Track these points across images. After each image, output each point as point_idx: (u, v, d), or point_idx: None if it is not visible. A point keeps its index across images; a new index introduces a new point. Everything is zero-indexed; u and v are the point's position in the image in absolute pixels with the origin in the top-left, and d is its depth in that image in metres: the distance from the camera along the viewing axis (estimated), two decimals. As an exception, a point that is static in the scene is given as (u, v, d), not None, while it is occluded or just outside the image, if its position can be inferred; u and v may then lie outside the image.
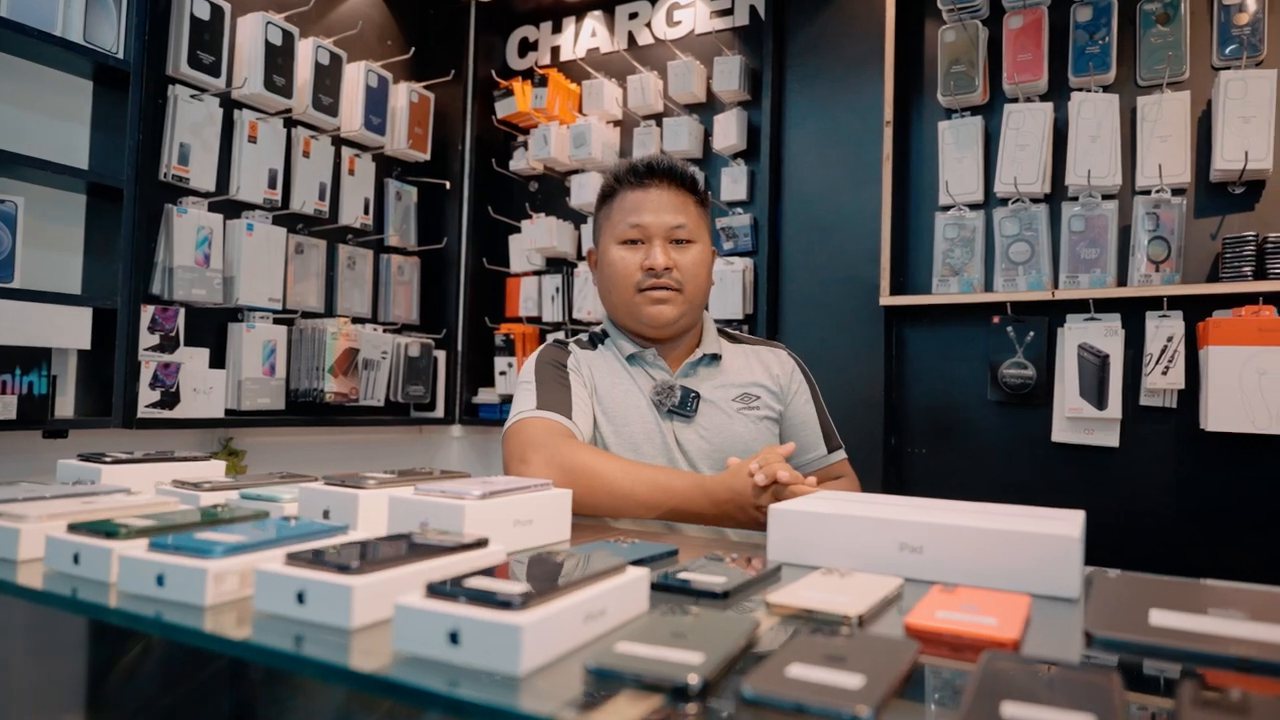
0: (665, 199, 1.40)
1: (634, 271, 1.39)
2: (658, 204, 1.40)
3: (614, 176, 1.44)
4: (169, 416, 1.96)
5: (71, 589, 0.66)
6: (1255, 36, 1.87)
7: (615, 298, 1.43)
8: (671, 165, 1.42)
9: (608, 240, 1.43)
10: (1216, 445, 1.86)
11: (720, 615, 0.60)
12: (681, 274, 1.39)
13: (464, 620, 0.49)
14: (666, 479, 1.19)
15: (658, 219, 1.39)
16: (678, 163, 1.44)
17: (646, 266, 1.37)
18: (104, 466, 1.04)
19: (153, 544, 0.65)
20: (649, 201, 1.40)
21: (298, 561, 0.60)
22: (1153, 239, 1.92)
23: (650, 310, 1.39)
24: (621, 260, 1.40)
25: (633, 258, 1.39)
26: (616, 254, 1.41)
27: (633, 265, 1.39)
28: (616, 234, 1.41)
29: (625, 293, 1.40)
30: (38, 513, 0.75)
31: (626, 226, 1.40)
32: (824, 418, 1.47)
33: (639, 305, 1.39)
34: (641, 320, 1.41)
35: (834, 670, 0.47)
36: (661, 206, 1.39)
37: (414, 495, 0.84)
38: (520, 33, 3.04)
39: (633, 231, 1.39)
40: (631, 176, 1.42)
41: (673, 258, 1.38)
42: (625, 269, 1.39)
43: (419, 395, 2.72)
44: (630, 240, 1.40)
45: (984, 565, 0.77)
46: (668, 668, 0.47)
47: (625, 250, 1.40)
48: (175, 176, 2.05)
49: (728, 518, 1.16)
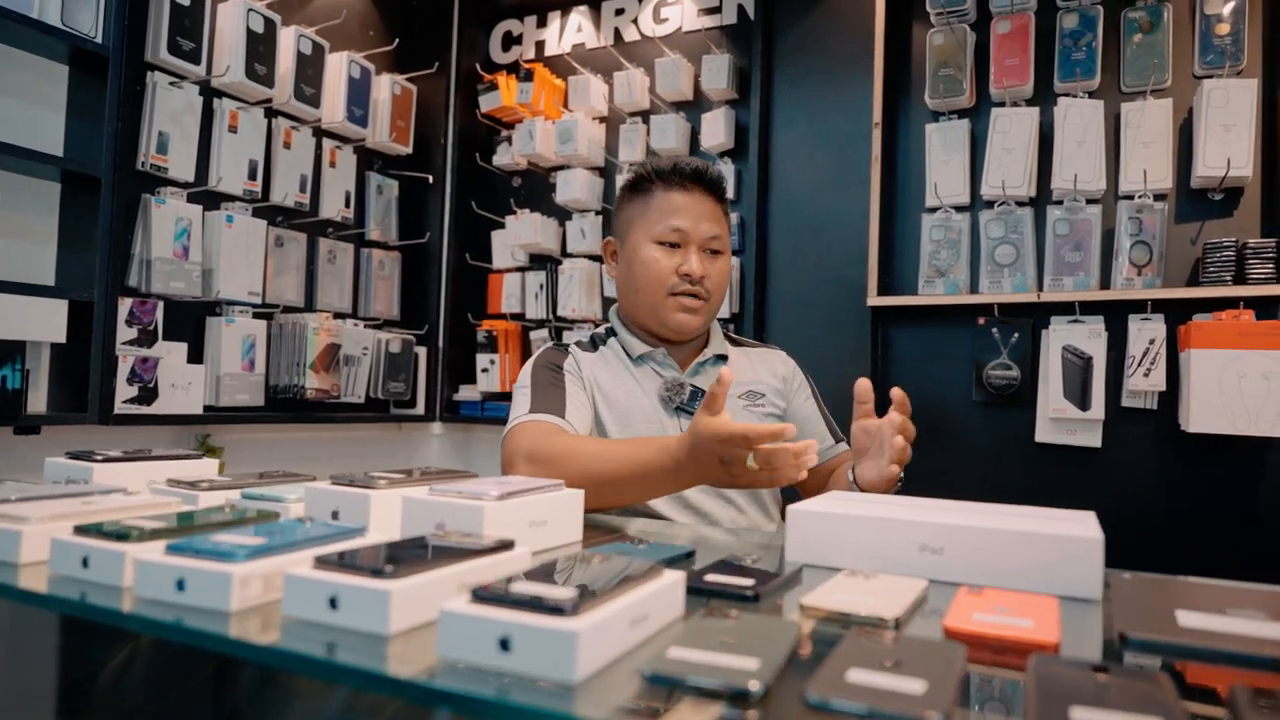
0: (705, 207, 1.40)
1: (668, 275, 1.38)
2: (699, 211, 1.39)
3: (654, 172, 1.42)
4: (146, 413, 1.90)
5: (80, 593, 0.64)
6: (1235, 46, 1.91)
7: (642, 297, 1.42)
8: (716, 175, 1.42)
9: (640, 236, 1.41)
10: (1196, 446, 1.90)
11: (761, 619, 0.59)
12: (711, 284, 1.40)
13: (515, 626, 0.48)
14: (634, 450, 1.15)
15: (697, 226, 1.38)
16: (719, 173, 1.43)
17: (683, 272, 1.37)
18: (95, 465, 1.00)
19: (170, 547, 0.62)
20: (691, 206, 1.39)
21: (328, 565, 0.58)
22: (1135, 243, 1.95)
23: (679, 317, 1.39)
24: (655, 261, 1.39)
25: (668, 261, 1.38)
26: (650, 253, 1.39)
27: (667, 268, 1.38)
28: (653, 233, 1.40)
29: (655, 294, 1.40)
30: (39, 514, 0.72)
31: (666, 228, 1.39)
32: (825, 412, 1.51)
33: (668, 309, 1.39)
34: (667, 325, 1.41)
35: (893, 675, 0.47)
36: (702, 214, 1.39)
37: (429, 496, 0.82)
38: (504, 26, 3.01)
39: (673, 235, 1.38)
40: (676, 177, 1.40)
41: (707, 267, 1.39)
42: (659, 271, 1.38)
43: (400, 392, 2.68)
44: (667, 242, 1.39)
45: (1006, 567, 0.77)
46: (727, 674, 0.46)
47: (660, 251, 1.39)
48: (154, 166, 1.99)
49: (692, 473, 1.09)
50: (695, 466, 1.08)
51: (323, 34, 2.43)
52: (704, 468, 1.06)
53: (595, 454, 1.18)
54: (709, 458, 1.05)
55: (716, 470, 1.06)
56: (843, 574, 0.77)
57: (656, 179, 1.42)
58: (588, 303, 2.67)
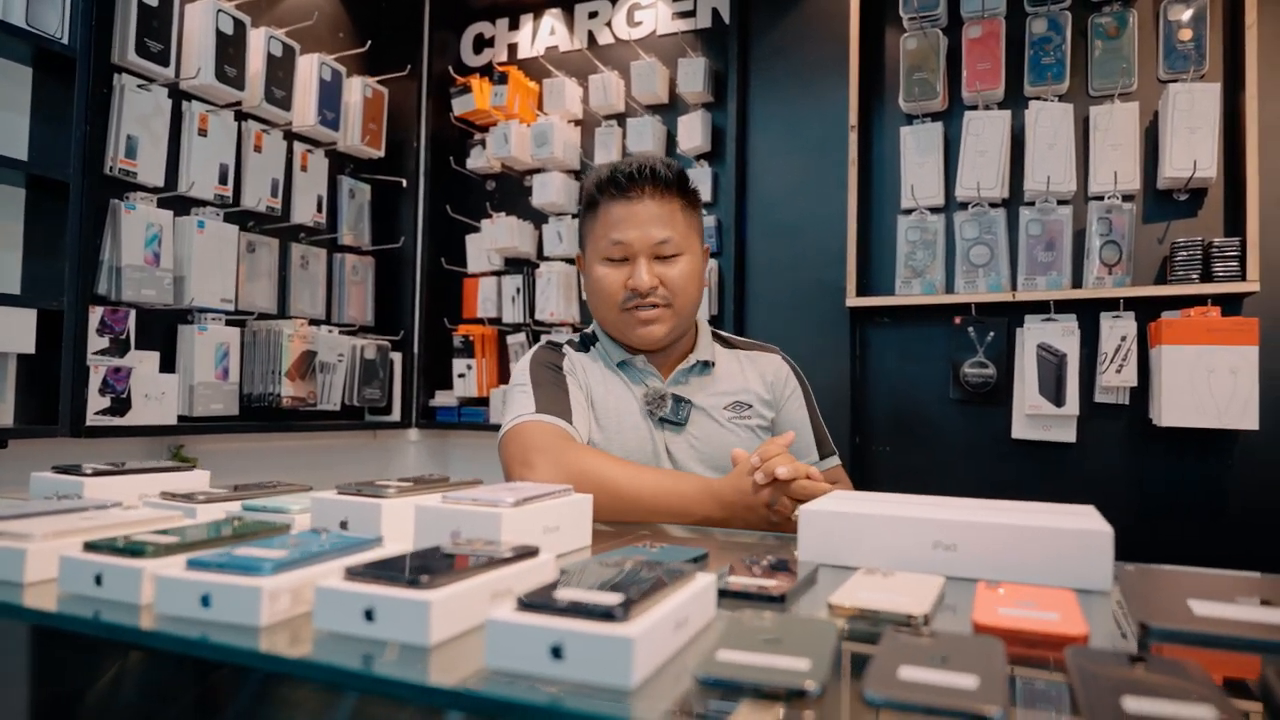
0: (649, 211, 1.32)
1: (617, 290, 1.33)
2: (641, 218, 1.32)
3: (595, 185, 1.37)
4: (119, 424, 1.85)
5: (93, 612, 0.62)
6: (1197, 52, 1.98)
7: (601, 314, 1.39)
8: (654, 171, 1.33)
9: (591, 255, 1.37)
10: (1166, 439, 1.96)
11: (798, 620, 0.59)
12: (669, 289, 1.33)
13: (568, 634, 0.48)
14: (673, 483, 1.17)
15: (641, 234, 1.31)
16: (661, 167, 1.34)
17: (630, 287, 1.32)
18: (86, 479, 0.97)
19: (192, 563, 0.61)
20: (632, 216, 1.32)
21: (361, 577, 0.57)
22: (1106, 243, 2.00)
23: (639, 331, 1.34)
24: (605, 278, 1.34)
25: (616, 275, 1.33)
26: (600, 271, 1.35)
27: (616, 284, 1.33)
28: (599, 250, 1.34)
29: (610, 311, 1.35)
30: (41, 531, 0.70)
31: (609, 243, 1.32)
32: (817, 423, 1.46)
33: (626, 324, 1.35)
34: (629, 339, 1.38)
35: (944, 671, 0.47)
36: (645, 220, 1.32)
37: (443, 504, 0.81)
38: (475, 29, 2.99)
39: (615, 250, 1.32)
40: (612, 188, 1.33)
41: (658, 273, 1.32)
42: (609, 287, 1.33)
43: (375, 399, 2.65)
44: (613, 258, 1.33)
45: (1019, 561, 0.79)
46: (782, 675, 0.46)
47: (609, 268, 1.34)
48: (122, 170, 1.94)
49: (737, 519, 1.13)
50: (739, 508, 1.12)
51: (293, 36, 2.39)
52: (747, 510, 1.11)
53: (632, 477, 1.18)
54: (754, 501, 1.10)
55: (760, 513, 1.11)
56: (860, 572, 0.78)
57: (599, 191, 1.36)
58: (566, 306, 2.66)
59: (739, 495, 1.12)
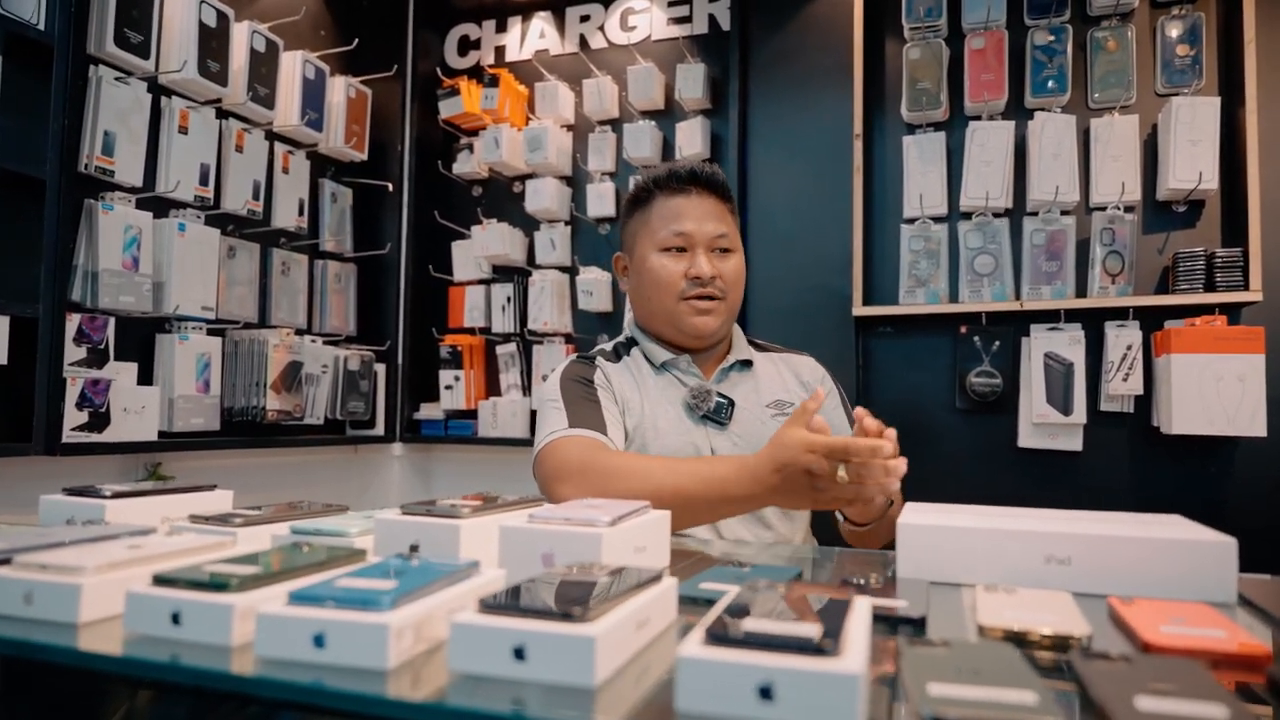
0: (707, 207, 1.38)
1: (677, 280, 1.36)
2: (700, 212, 1.37)
3: (651, 181, 1.41)
4: (97, 440, 1.71)
5: (171, 655, 0.54)
6: (1194, 67, 2.01)
7: (656, 305, 1.39)
8: (714, 173, 1.40)
9: (646, 247, 1.40)
10: (1170, 446, 1.98)
11: (976, 646, 0.55)
12: (725, 282, 1.37)
13: (778, 672, 0.42)
14: (710, 468, 1.13)
15: (701, 227, 1.36)
16: (718, 171, 1.41)
17: (692, 275, 1.35)
18: (107, 502, 0.88)
19: (296, 597, 0.53)
20: (692, 209, 1.37)
21: (501, 610, 0.50)
22: (1109, 253, 2.02)
23: (695, 320, 1.36)
24: (664, 268, 1.37)
25: (675, 266, 1.36)
26: (658, 261, 1.37)
27: (676, 273, 1.36)
28: (657, 241, 1.38)
29: (668, 301, 1.37)
30: (94, 562, 0.61)
31: (670, 234, 1.36)
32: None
33: (682, 315, 1.37)
34: (684, 329, 1.38)
35: (1183, 701, 0.44)
36: (704, 215, 1.37)
37: (531, 524, 0.74)
38: (460, 30, 2.91)
39: (677, 240, 1.36)
40: (673, 182, 1.38)
41: (717, 266, 1.36)
42: (668, 277, 1.36)
43: (359, 412, 2.54)
44: (673, 248, 1.37)
45: (1139, 575, 0.76)
46: (1019, 711, 0.42)
47: (667, 258, 1.37)
48: (99, 169, 1.81)
49: (777, 493, 1.07)
50: (779, 482, 1.05)
51: (275, 31, 2.28)
52: (789, 483, 1.03)
53: (669, 470, 1.14)
54: (795, 471, 1.02)
55: (801, 484, 1.03)
56: (981, 589, 0.74)
57: (655, 188, 1.41)
58: (559, 316, 2.59)
59: (776, 467, 1.05)
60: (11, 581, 0.60)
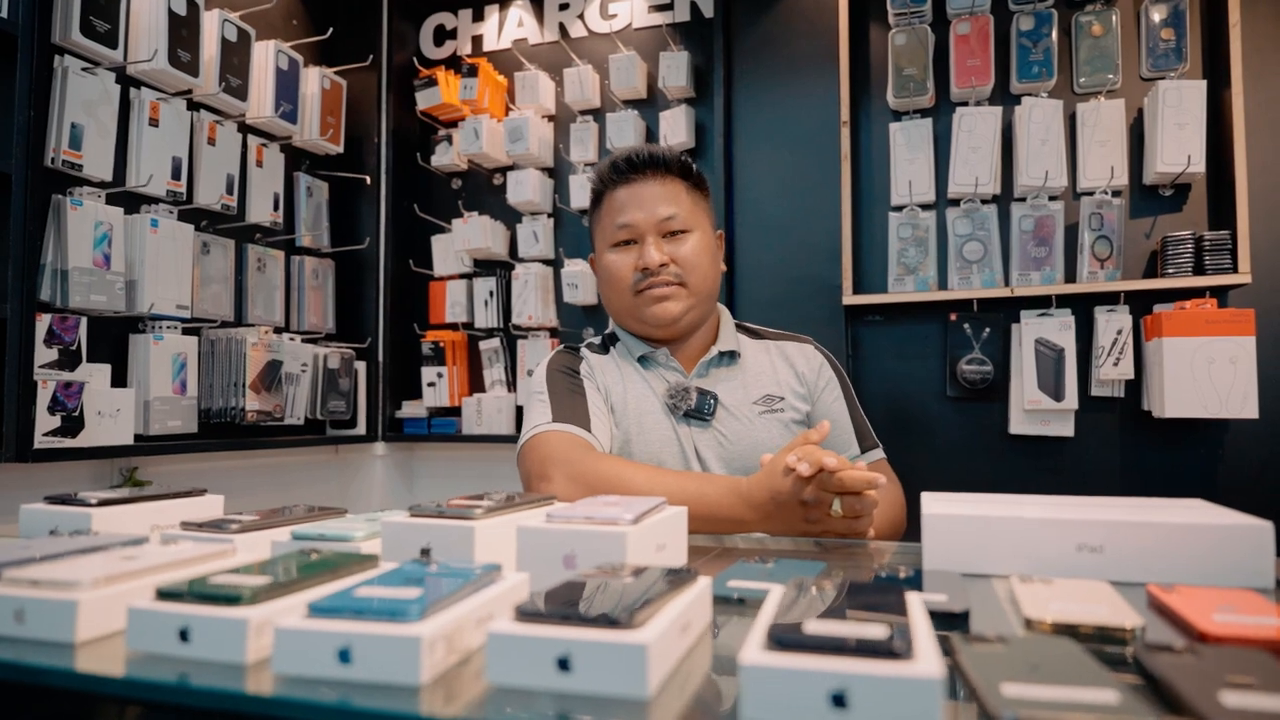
0: (651, 192, 1.33)
1: (628, 273, 1.33)
2: (645, 199, 1.32)
3: (598, 178, 1.37)
4: (71, 446, 1.64)
5: (179, 675, 0.50)
6: (1178, 50, 2.02)
7: (615, 303, 1.37)
8: (653, 154, 1.34)
9: (601, 245, 1.37)
10: (1162, 429, 1.98)
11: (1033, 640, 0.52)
12: (681, 266, 1.32)
13: (852, 678, 0.40)
14: (698, 486, 1.09)
15: (646, 214, 1.32)
16: (661, 150, 1.35)
17: (640, 266, 1.31)
18: (93, 510, 0.83)
19: (316, 609, 0.49)
20: (634, 197, 1.32)
21: (542, 618, 0.47)
22: (1098, 238, 2.02)
23: (653, 310, 1.32)
24: (615, 264, 1.34)
25: (626, 259, 1.33)
26: (609, 258, 1.35)
27: (626, 267, 1.33)
28: (607, 238, 1.35)
29: (623, 296, 1.34)
30: (89, 576, 0.57)
31: (615, 228, 1.33)
32: (856, 415, 1.41)
33: (640, 306, 1.33)
34: (645, 320, 1.34)
35: (1260, 695, 0.42)
36: (648, 200, 1.32)
37: (550, 524, 0.71)
38: (436, 20, 2.85)
39: (621, 232, 1.33)
40: (614, 175, 1.34)
41: (667, 251, 1.31)
42: (619, 272, 1.33)
43: (340, 411, 2.48)
44: (622, 242, 1.34)
45: (1173, 561, 0.74)
46: (1102, 711, 0.39)
47: (618, 253, 1.34)
48: (66, 162, 1.74)
49: (769, 521, 1.04)
50: (772, 510, 1.02)
51: (247, 20, 2.21)
52: (782, 510, 1.00)
53: (654, 484, 1.10)
54: (791, 500, 0.99)
55: (794, 515, 1.01)
56: (1016, 580, 0.72)
57: (602, 184, 1.38)
58: (544, 309, 2.55)
59: (771, 495, 1.02)
60: (0, 598, 0.56)
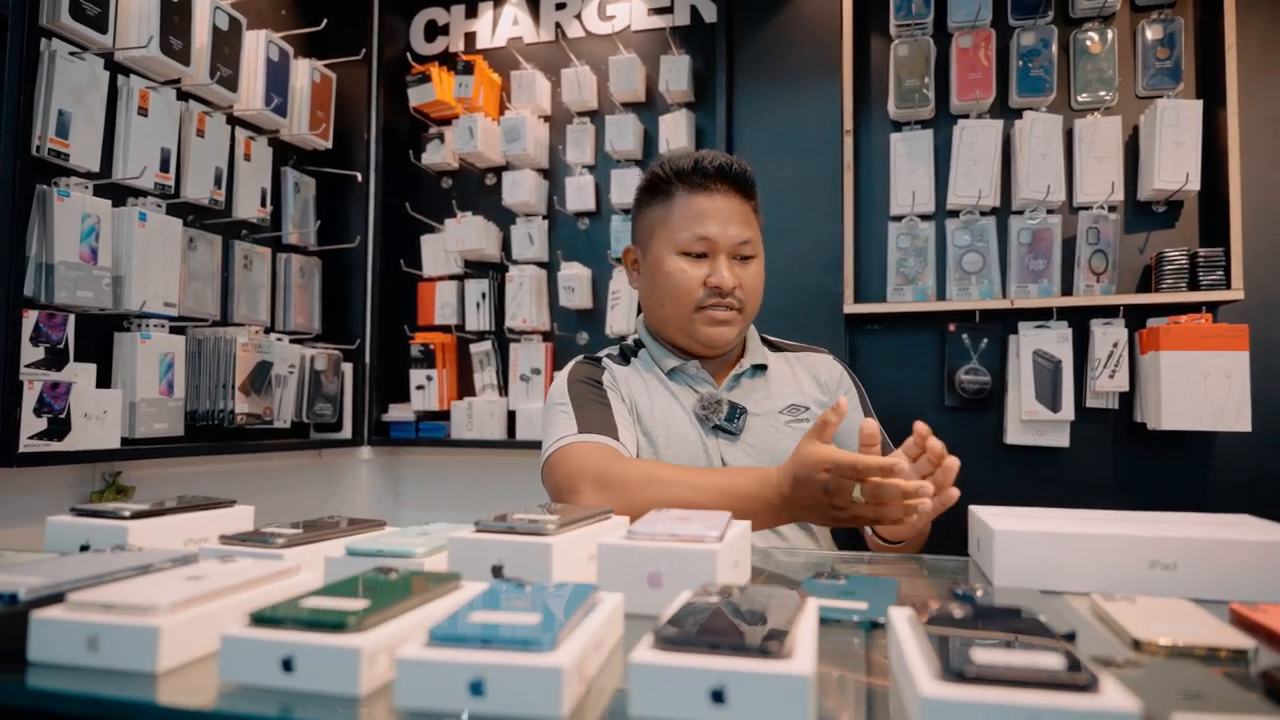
0: (732, 209, 1.29)
1: (695, 288, 1.28)
2: (725, 215, 1.28)
3: (673, 172, 1.30)
4: (57, 449, 1.56)
5: (282, 708, 0.46)
6: (1174, 69, 2.06)
7: (669, 311, 1.31)
8: (743, 171, 1.30)
9: (664, 246, 1.30)
10: (1154, 441, 2.02)
11: (1164, 665, 0.51)
12: (745, 293, 1.29)
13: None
14: (729, 481, 1.07)
15: (725, 231, 1.27)
16: (747, 168, 1.31)
17: (712, 284, 1.27)
18: (128, 523, 0.78)
19: (438, 636, 0.46)
20: (716, 211, 1.28)
21: (688, 646, 0.45)
22: (1094, 252, 2.06)
23: (709, 331, 1.29)
24: (682, 273, 1.28)
25: (695, 272, 1.28)
26: (676, 265, 1.29)
27: (694, 280, 1.28)
28: (677, 242, 1.29)
29: (682, 309, 1.29)
30: (167, 600, 0.53)
31: (691, 236, 1.27)
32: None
33: (696, 324, 1.29)
34: (697, 339, 1.31)
35: None
36: (729, 218, 1.28)
37: (631, 541, 0.68)
38: (426, 15, 2.79)
39: (698, 244, 1.28)
40: (698, 177, 1.29)
41: (738, 275, 1.28)
42: (686, 283, 1.28)
43: (326, 414, 2.41)
44: (693, 253, 1.28)
45: (1247, 579, 0.74)
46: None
47: (686, 262, 1.28)
48: (52, 151, 1.66)
49: (797, 509, 1.02)
50: (797, 497, 0.99)
51: (237, 8, 2.14)
52: (808, 499, 0.98)
53: (686, 483, 1.07)
54: (812, 487, 0.97)
55: (819, 501, 0.98)
56: (1098, 598, 0.71)
57: (677, 180, 1.30)
58: (538, 313, 2.51)
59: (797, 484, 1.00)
60: (71, 624, 0.51)
